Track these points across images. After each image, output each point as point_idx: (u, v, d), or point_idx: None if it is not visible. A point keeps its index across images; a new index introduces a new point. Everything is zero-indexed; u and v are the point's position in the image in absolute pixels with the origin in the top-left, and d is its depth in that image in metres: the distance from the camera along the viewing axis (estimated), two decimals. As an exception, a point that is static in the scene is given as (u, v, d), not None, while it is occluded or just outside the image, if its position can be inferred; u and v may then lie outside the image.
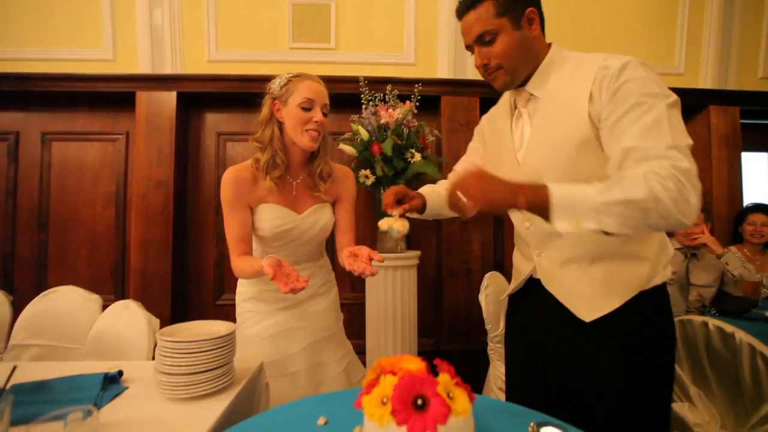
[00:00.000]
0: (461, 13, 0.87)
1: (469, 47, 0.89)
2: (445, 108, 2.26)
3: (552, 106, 0.83)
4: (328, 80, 2.33)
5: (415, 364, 0.55)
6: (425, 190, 1.09)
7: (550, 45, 0.89)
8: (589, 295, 0.83)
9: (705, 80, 2.34)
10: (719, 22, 2.27)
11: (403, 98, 2.01)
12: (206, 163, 2.34)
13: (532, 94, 0.87)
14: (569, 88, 0.81)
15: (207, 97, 2.25)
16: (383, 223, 0.94)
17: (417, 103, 1.95)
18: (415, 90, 1.99)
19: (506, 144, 0.94)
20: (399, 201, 0.99)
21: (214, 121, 2.34)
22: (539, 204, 0.71)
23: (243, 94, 2.17)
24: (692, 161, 0.69)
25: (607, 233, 0.70)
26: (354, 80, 2.06)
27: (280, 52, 2.23)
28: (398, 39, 2.25)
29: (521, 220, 0.94)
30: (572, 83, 0.80)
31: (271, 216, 1.08)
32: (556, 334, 0.86)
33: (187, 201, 2.31)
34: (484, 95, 2.26)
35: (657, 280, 0.82)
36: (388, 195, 0.97)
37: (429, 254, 2.33)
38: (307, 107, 1.05)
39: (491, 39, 0.84)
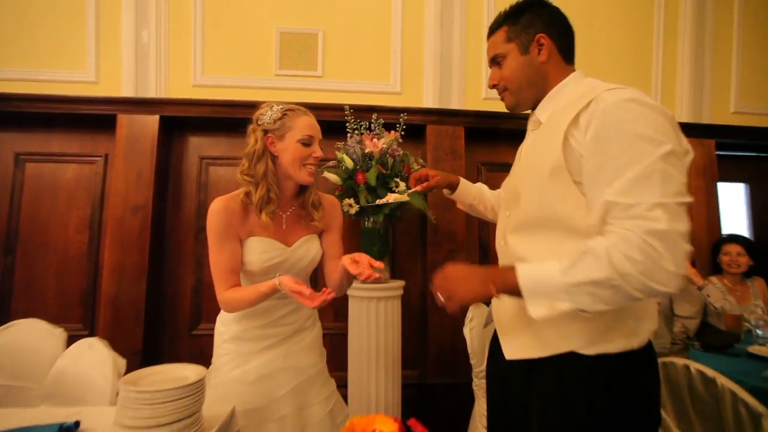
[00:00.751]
0: (488, 37, 0.95)
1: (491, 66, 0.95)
2: (431, 137, 2.25)
3: (544, 129, 0.84)
4: (314, 107, 2.32)
5: (389, 426, 0.54)
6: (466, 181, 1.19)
7: (571, 71, 0.90)
8: (520, 329, 0.80)
9: (680, 114, 2.42)
10: (691, 57, 2.37)
11: (388, 127, 2.01)
12: (188, 186, 2.28)
13: (538, 119, 0.90)
14: (563, 113, 0.80)
15: (191, 121, 2.22)
16: (387, 198, 1.06)
17: (402, 132, 1.95)
18: (401, 119, 1.99)
19: (514, 165, 1.00)
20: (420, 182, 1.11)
21: (197, 145, 2.31)
22: (511, 288, 0.71)
23: (228, 119, 2.15)
24: (680, 220, 0.64)
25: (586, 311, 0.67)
26: (340, 108, 2.05)
27: (267, 79, 2.22)
28: (385, 68, 2.27)
29: (498, 238, 0.94)
30: (567, 109, 0.79)
31: (260, 249, 1.05)
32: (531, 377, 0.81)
33: (166, 225, 2.24)
34: (469, 124, 2.27)
35: (626, 342, 0.73)
36: (412, 177, 1.12)
37: (413, 284, 2.29)
38: (307, 143, 1.06)
39: (501, 60, 0.91)
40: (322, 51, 2.22)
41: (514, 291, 0.70)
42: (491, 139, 2.38)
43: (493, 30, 0.93)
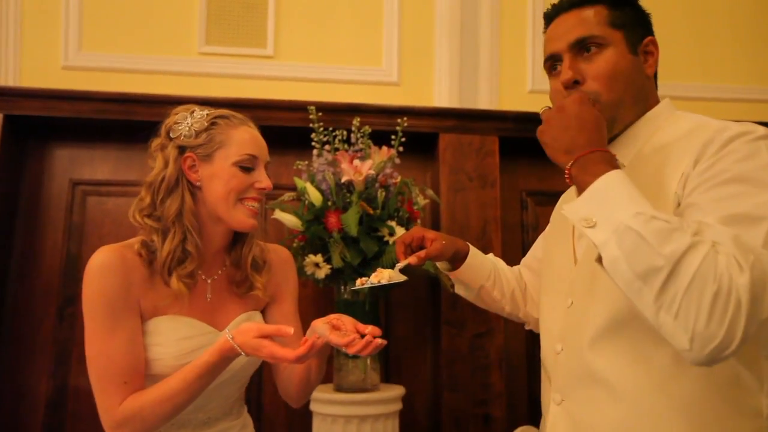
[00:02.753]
0: (558, 10, 0.95)
1: (552, 60, 0.95)
2: (446, 153, 2.23)
3: (635, 177, 0.83)
4: (262, 105, 2.07)
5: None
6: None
7: (659, 100, 0.96)
8: None
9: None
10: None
11: (379, 137, 1.96)
12: (49, 230, 2.17)
13: (614, 156, 0.87)
14: (664, 158, 0.85)
15: (58, 125, 2.14)
16: (376, 276, 1.09)
17: (401, 148, 1.92)
18: (399, 125, 1.95)
19: (565, 224, 1.01)
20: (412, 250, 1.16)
21: (66, 162, 2.24)
22: (581, 178, 0.78)
23: (119, 123, 2.09)
24: None
25: (601, 264, 0.74)
26: (301, 107, 1.99)
27: (185, 59, 2.18)
28: (373, 46, 2.27)
29: (549, 342, 1.00)
30: (671, 153, 0.84)
31: (176, 335, 1.05)
32: None
33: (8, 296, 2.10)
34: (507, 133, 2.24)
35: None
36: (398, 242, 1.15)
37: (420, 390, 2.22)
38: (248, 167, 1.09)
39: (596, 49, 0.90)
40: (275, 19, 2.21)
41: (580, 184, 0.79)
42: (541, 154, 2.28)
43: (579, 2, 0.93)
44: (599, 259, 0.74)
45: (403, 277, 1.10)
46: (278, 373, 1.20)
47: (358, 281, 1.14)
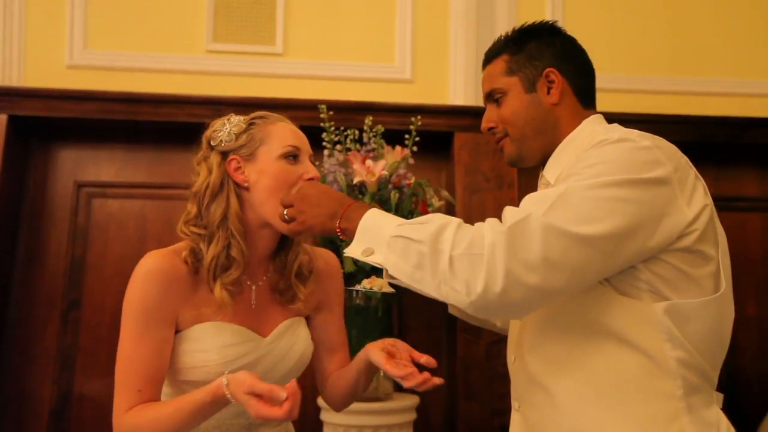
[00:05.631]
0: (483, 66, 1.13)
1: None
2: (461, 152, 2.23)
3: None
4: (271, 104, 2.09)
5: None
6: None
7: (588, 116, 1.06)
8: None
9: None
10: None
11: (392, 137, 1.97)
12: (53, 232, 2.18)
13: (548, 180, 1.04)
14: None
15: (62, 126, 2.16)
16: (369, 282, 1.24)
17: (415, 147, 1.93)
18: (413, 124, 1.96)
19: None
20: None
21: (71, 164, 2.25)
22: (352, 229, 0.92)
23: (125, 123, 2.11)
24: (537, 239, 0.78)
25: (391, 279, 0.88)
26: (311, 106, 1.97)
27: (192, 57, 2.19)
28: (386, 42, 2.27)
29: (509, 351, 1.09)
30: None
31: (220, 342, 1.06)
32: None
33: (11, 300, 2.12)
34: None
35: None
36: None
37: (435, 399, 2.20)
38: (294, 155, 1.11)
39: (500, 97, 1.06)
40: (284, 15, 2.22)
41: (351, 231, 0.92)
42: None
43: (489, 58, 1.10)
44: (389, 277, 0.86)
45: (391, 290, 1.17)
46: (324, 379, 1.24)
47: (365, 281, 1.15)
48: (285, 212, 0.99)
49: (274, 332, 1.14)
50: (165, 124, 2.07)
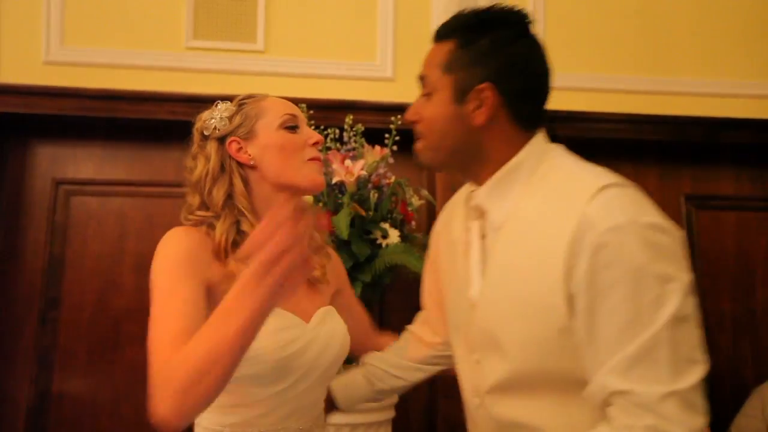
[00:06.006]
0: (433, 39, 0.96)
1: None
2: None
3: (521, 246, 0.87)
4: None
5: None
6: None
7: (527, 140, 0.92)
8: None
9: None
10: None
11: (373, 136, 1.96)
12: (31, 231, 2.17)
13: (494, 220, 0.92)
14: (545, 227, 0.83)
15: (39, 122, 2.14)
16: None
17: (395, 146, 1.90)
18: (394, 122, 1.92)
19: (454, 250, 1.02)
20: None
21: (48, 162, 2.23)
22: None
23: (104, 120, 2.10)
24: (694, 413, 0.73)
25: None
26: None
27: (172, 54, 2.16)
28: (367, 40, 2.26)
29: (468, 393, 1.03)
30: (549, 222, 0.83)
31: (271, 326, 0.95)
32: None
33: None
34: None
35: None
36: None
37: (414, 397, 2.14)
38: (293, 125, 1.11)
39: (427, 92, 0.93)
40: (265, 12, 2.20)
41: None
42: None
43: (439, 36, 0.94)
44: None
45: None
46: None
47: None
48: None
49: (315, 318, 1.12)
50: (144, 122, 2.05)
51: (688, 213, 2.40)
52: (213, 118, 1.11)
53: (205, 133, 1.11)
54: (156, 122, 2.04)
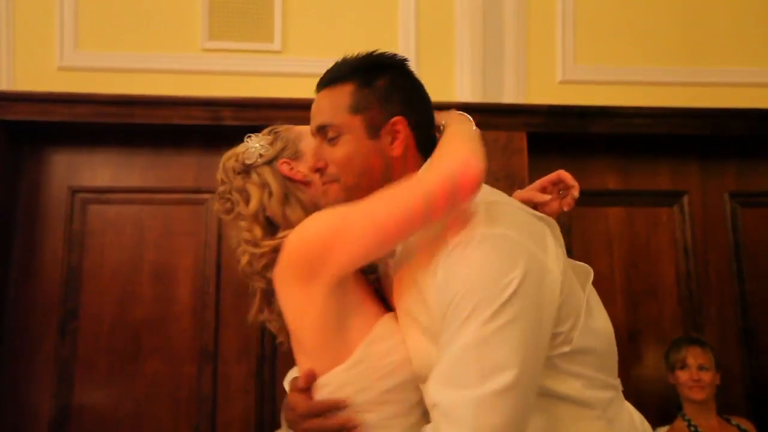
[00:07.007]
0: (317, 86, 1.02)
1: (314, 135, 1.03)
2: None
3: (404, 269, 0.95)
4: (271, 104, 1.99)
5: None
6: None
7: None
8: None
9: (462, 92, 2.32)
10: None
11: None
12: (48, 241, 2.17)
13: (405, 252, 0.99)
14: (424, 249, 0.89)
15: (55, 129, 2.15)
16: None
17: None
18: None
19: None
20: None
21: (64, 169, 2.24)
22: None
23: (118, 126, 2.11)
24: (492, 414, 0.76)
25: None
26: (311, 105, 1.94)
27: (188, 56, 2.17)
28: (388, 37, 2.22)
29: None
30: (428, 243, 0.89)
31: (398, 336, 1.01)
32: None
33: (7, 311, 2.11)
34: (537, 128, 2.20)
35: None
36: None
37: None
38: None
39: (333, 136, 0.96)
40: (282, 11, 2.20)
41: None
42: (574, 149, 2.36)
43: (332, 81, 0.99)
44: None
45: None
46: None
47: None
48: None
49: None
50: (160, 126, 2.05)
51: (733, 211, 2.32)
52: (253, 147, 1.12)
53: (247, 162, 1.11)
54: (172, 127, 2.03)
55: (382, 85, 0.96)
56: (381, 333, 0.99)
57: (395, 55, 1.02)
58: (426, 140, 0.98)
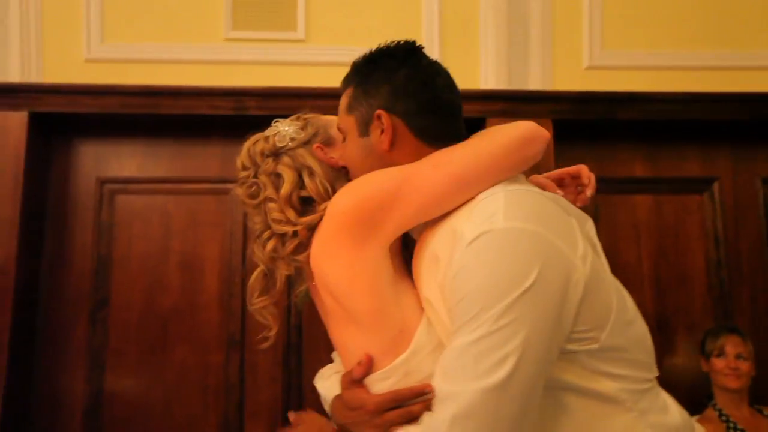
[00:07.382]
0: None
1: None
2: None
3: (420, 258, 0.95)
4: (295, 94, 2.00)
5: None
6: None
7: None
8: None
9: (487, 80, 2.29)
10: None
11: None
12: (78, 231, 2.18)
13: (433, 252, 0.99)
14: (443, 239, 0.89)
15: (83, 121, 2.16)
16: None
17: None
18: None
19: None
20: None
21: (92, 160, 2.25)
22: None
23: (147, 117, 2.12)
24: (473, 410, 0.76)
25: None
26: (336, 94, 1.96)
27: (212, 47, 2.17)
28: (412, 24, 2.22)
29: None
30: (440, 237, 0.90)
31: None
32: None
33: (40, 299, 2.13)
34: (562, 115, 2.16)
35: None
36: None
37: None
38: None
39: (344, 138, 1.04)
40: (305, 0, 2.20)
41: None
42: (602, 137, 2.34)
43: (342, 86, 1.06)
44: None
45: None
46: None
47: None
48: None
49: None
50: (186, 117, 2.06)
51: (766, 197, 2.27)
52: (284, 131, 1.11)
53: (279, 145, 1.09)
54: (197, 117, 2.04)
55: (372, 81, 0.97)
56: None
57: (399, 44, 1.00)
58: (429, 128, 0.96)
